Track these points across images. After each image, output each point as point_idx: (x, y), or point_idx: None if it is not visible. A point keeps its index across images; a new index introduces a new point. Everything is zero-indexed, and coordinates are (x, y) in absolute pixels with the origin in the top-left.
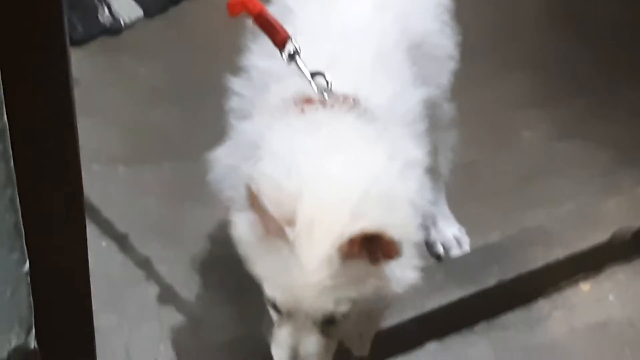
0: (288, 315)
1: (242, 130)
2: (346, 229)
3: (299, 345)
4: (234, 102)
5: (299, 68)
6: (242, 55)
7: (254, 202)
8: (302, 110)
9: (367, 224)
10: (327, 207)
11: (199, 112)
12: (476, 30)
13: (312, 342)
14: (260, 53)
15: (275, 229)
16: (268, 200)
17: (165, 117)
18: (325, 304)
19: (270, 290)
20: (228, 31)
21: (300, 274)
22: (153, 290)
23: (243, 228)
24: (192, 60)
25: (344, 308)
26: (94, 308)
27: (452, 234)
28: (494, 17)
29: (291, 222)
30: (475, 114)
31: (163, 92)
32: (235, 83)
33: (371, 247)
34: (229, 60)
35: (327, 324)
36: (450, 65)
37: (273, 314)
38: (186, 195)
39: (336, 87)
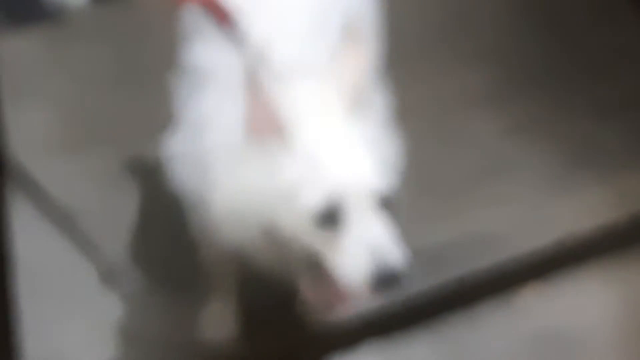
0: (340, 215)
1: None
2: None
3: (372, 236)
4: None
5: None
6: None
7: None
8: None
9: None
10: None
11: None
12: (429, 24)
13: (383, 224)
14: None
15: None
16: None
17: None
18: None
19: (313, 196)
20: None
21: (345, 150)
22: None
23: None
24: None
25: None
26: None
27: None
28: (451, 9)
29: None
30: (423, 110)
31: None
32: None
33: None
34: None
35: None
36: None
37: (321, 234)
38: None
39: None
